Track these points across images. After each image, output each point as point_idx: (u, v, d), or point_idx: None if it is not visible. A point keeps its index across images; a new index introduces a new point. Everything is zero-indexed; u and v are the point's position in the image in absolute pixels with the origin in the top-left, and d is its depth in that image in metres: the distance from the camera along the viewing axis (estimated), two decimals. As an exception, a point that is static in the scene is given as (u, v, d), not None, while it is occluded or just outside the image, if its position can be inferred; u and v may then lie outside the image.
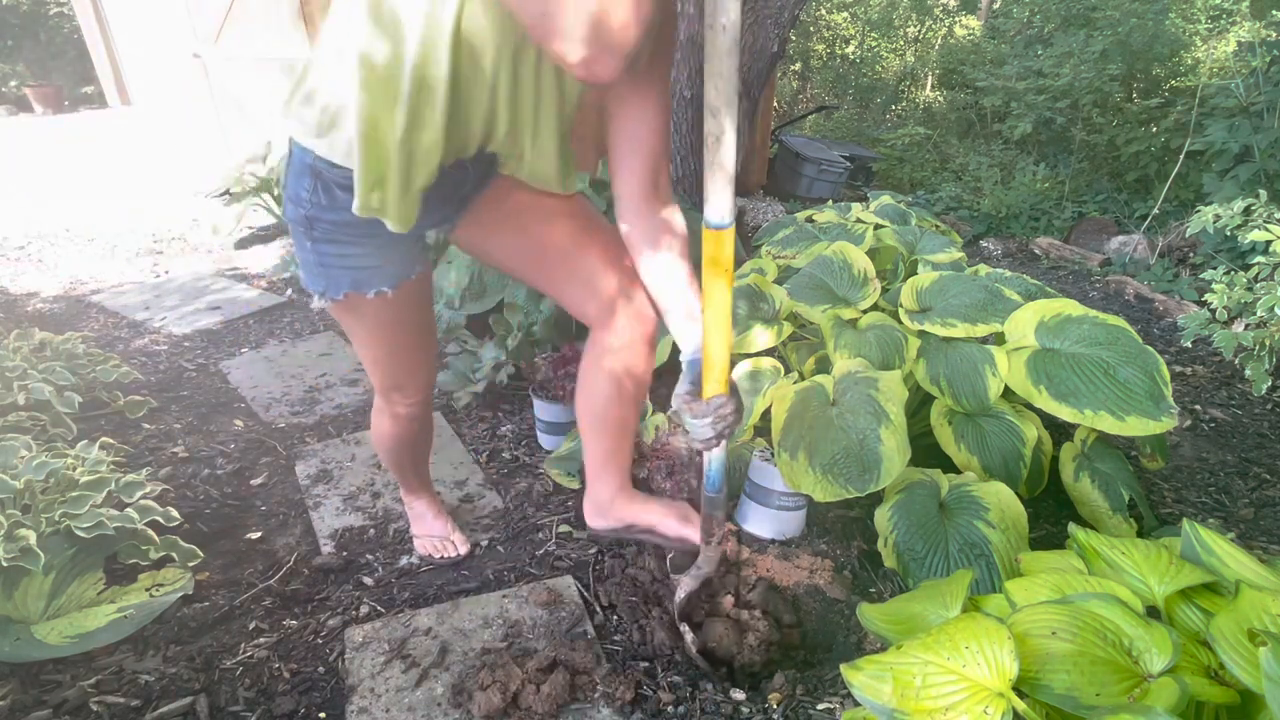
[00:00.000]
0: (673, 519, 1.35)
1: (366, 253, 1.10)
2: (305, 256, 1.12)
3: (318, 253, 1.10)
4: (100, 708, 1.24)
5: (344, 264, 1.10)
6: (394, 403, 1.37)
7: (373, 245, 1.10)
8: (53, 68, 9.31)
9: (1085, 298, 3.45)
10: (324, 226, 1.07)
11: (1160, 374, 1.44)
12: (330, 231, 1.07)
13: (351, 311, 1.18)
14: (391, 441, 1.46)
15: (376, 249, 1.10)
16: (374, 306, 1.16)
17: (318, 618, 1.46)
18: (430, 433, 1.54)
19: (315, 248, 1.09)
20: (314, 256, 1.11)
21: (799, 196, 5.33)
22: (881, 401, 1.47)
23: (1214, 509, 1.87)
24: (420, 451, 1.55)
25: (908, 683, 0.76)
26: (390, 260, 1.13)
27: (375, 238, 1.09)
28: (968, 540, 1.37)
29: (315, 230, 1.07)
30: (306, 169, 1.02)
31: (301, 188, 1.04)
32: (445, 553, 1.61)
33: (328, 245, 1.09)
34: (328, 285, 1.13)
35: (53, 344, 2.22)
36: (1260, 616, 0.75)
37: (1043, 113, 5.50)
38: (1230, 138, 3.73)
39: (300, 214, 1.06)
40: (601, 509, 1.40)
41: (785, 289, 1.90)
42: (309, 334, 2.91)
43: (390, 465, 1.56)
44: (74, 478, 1.51)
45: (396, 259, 1.14)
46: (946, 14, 8.87)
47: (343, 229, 1.07)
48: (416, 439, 1.49)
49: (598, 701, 1.25)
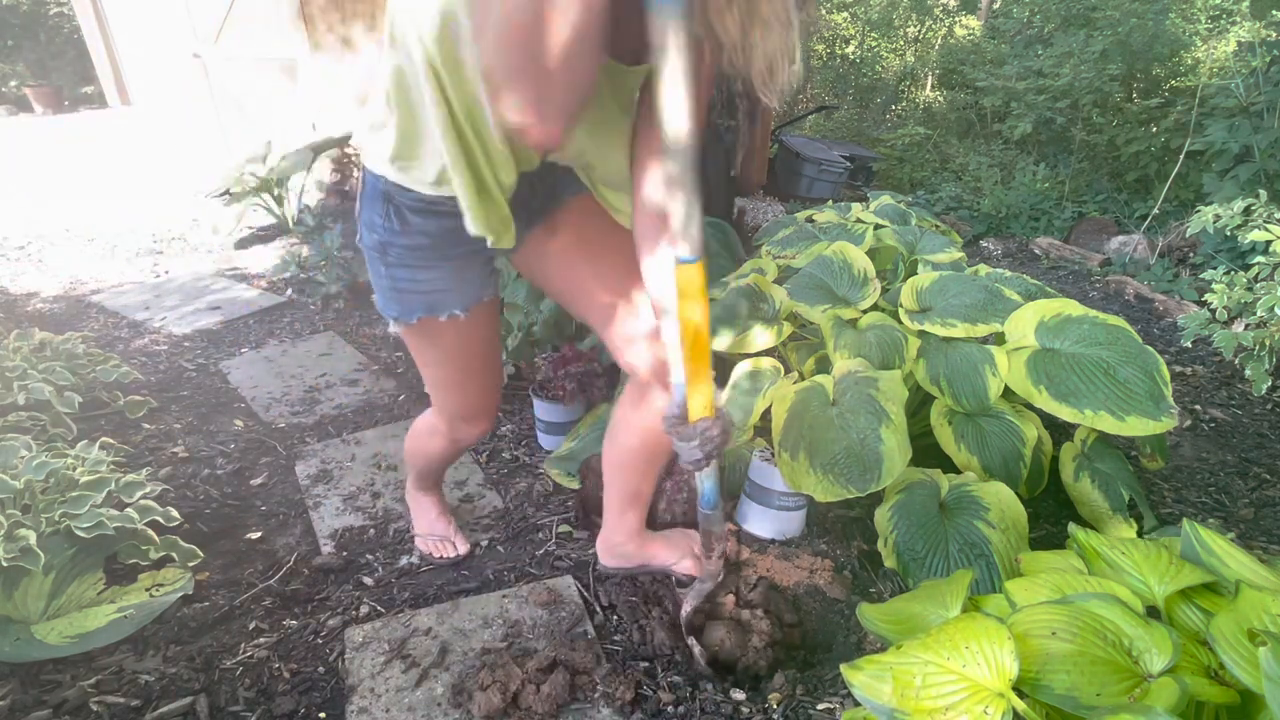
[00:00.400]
0: (688, 560, 1.43)
1: (439, 276, 1.11)
2: (380, 283, 1.13)
3: (392, 278, 1.11)
4: (100, 708, 1.24)
5: (417, 289, 1.11)
6: (459, 430, 1.36)
7: (446, 269, 1.10)
8: (53, 68, 9.31)
9: (1085, 298, 3.45)
10: (397, 252, 1.07)
11: (1160, 374, 1.44)
12: (404, 256, 1.08)
13: (425, 336, 1.18)
14: (436, 458, 1.47)
15: (450, 273, 1.11)
16: (447, 330, 1.16)
17: (318, 618, 1.46)
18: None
19: (390, 273, 1.10)
20: (388, 282, 1.11)
21: (799, 196, 5.33)
22: (882, 401, 1.47)
23: (1214, 509, 1.87)
24: (453, 463, 1.58)
25: (908, 683, 0.76)
26: (463, 283, 1.13)
27: (448, 261, 1.10)
28: (968, 540, 1.37)
29: (389, 255, 1.08)
30: (380, 195, 1.03)
31: (375, 214, 1.05)
32: (445, 552, 1.61)
33: (401, 270, 1.09)
34: (402, 310, 1.13)
35: (53, 344, 2.22)
36: (1260, 616, 0.75)
37: (1043, 113, 5.50)
38: (1230, 138, 3.72)
39: (375, 240, 1.07)
40: (614, 549, 1.47)
41: (785, 289, 1.90)
42: (309, 334, 2.91)
43: (415, 466, 1.56)
44: (74, 478, 1.51)
45: (469, 282, 1.14)
46: (946, 14, 8.87)
47: (416, 253, 1.07)
48: (458, 455, 1.50)
49: (598, 701, 1.25)
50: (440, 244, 1.06)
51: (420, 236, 1.05)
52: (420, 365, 1.27)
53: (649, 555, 1.45)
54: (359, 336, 2.89)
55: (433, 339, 1.18)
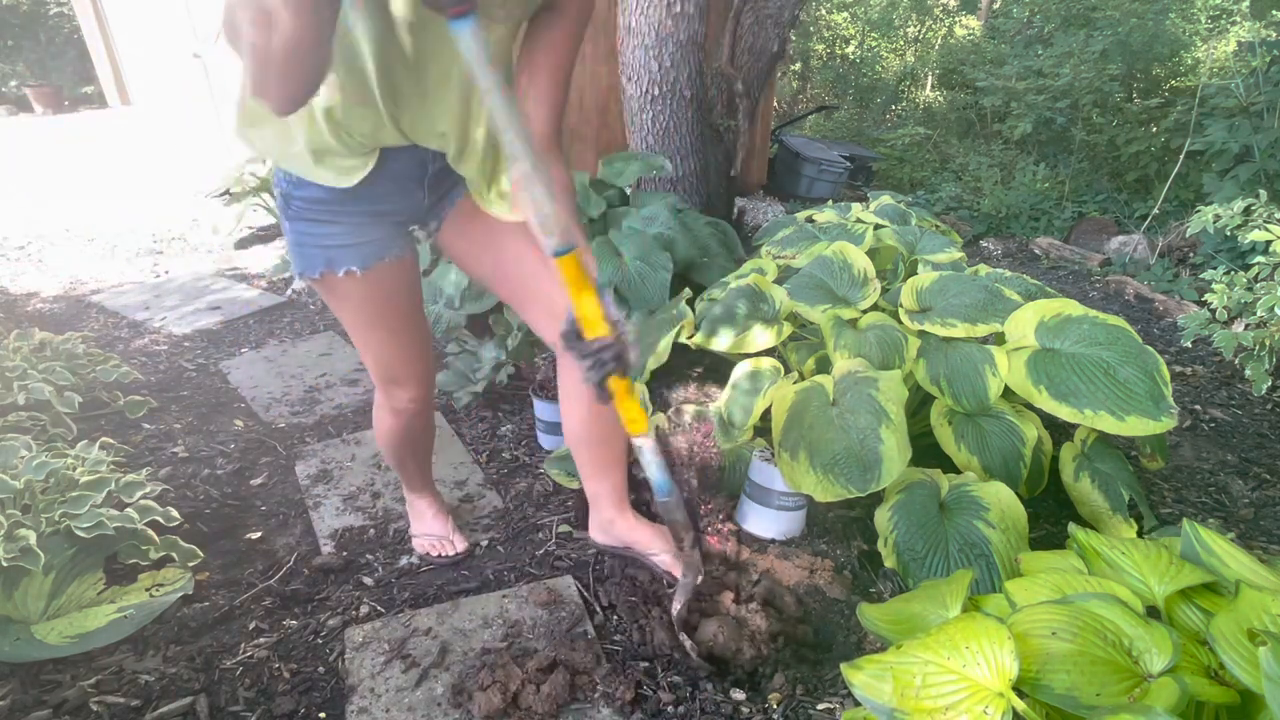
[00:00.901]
0: (667, 554, 1.43)
1: (340, 231, 1.15)
2: (288, 238, 1.18)
3: (295, 231, 1.16)
4: (100, 708, 1.24)
5: (317, 242, 1.15)
6: (393, 397, 1.39)
7: (346, 224, 1.14)
8: (53, 68, 9.31)
9: (1085, 298, 3.45)
10: (297, 204, 1.13)
11: (1160, 374, 1.44)
12: (303, 209, 1.13)
13: (331, 293, 1.22)
14: (393, 438, 1.47)
15: (350, 228, 1.15)
16: (351, 288, 1.20)
17: (318, 618, 1.46)
18: (432, 431, 1.55)
19: (292, 226, 1.16)
20: (292, 236, 1.17)
21: (799, 196, 5.33)
22: (882, 401, 1.47)
23: (1214, 509, 1.87)
24: (422, 450, 1.57)
25: (908, 682, 0.76)
26: (363, 241, 1.17)
27: (349, 216, 1.14)
28: (968, 540, 1.37)
29: (290, 208, 1.14)
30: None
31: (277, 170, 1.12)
32: (443, 551, 1.61)
33: (302, 224, 1.14)
34: (305, 264, 1.18)
35: (53, 344, 2.22)
36: (1260, 616, 0.75)
37: (1043, 113, 5.49)
38: (1230, 138, 3.73)
39: (279, 193, 1.14)
40: (603, 526, 1.48)
41: (785, 289, 1.90)
42: (309, 334, 2.91)
43: (393, 462, 1.57)
44: (74, 478, 1.51)
45: (371, 241, 1.17)
46: (946, 14, 8.87)
47: (313, 207, 1.12)
48: (418, 437, 1.50)
49: (598, 701, 1.25)
50: (336, 198, 1.11)
51: (314, 188, 1.09)
52: (344, 327, 1.31)
53: (635, 538, 1.45)
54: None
55: (340, 297, 1.22)
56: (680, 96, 3.02)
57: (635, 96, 3.07)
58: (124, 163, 5.95)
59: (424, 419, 1.46)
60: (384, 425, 1.46)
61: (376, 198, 1.14)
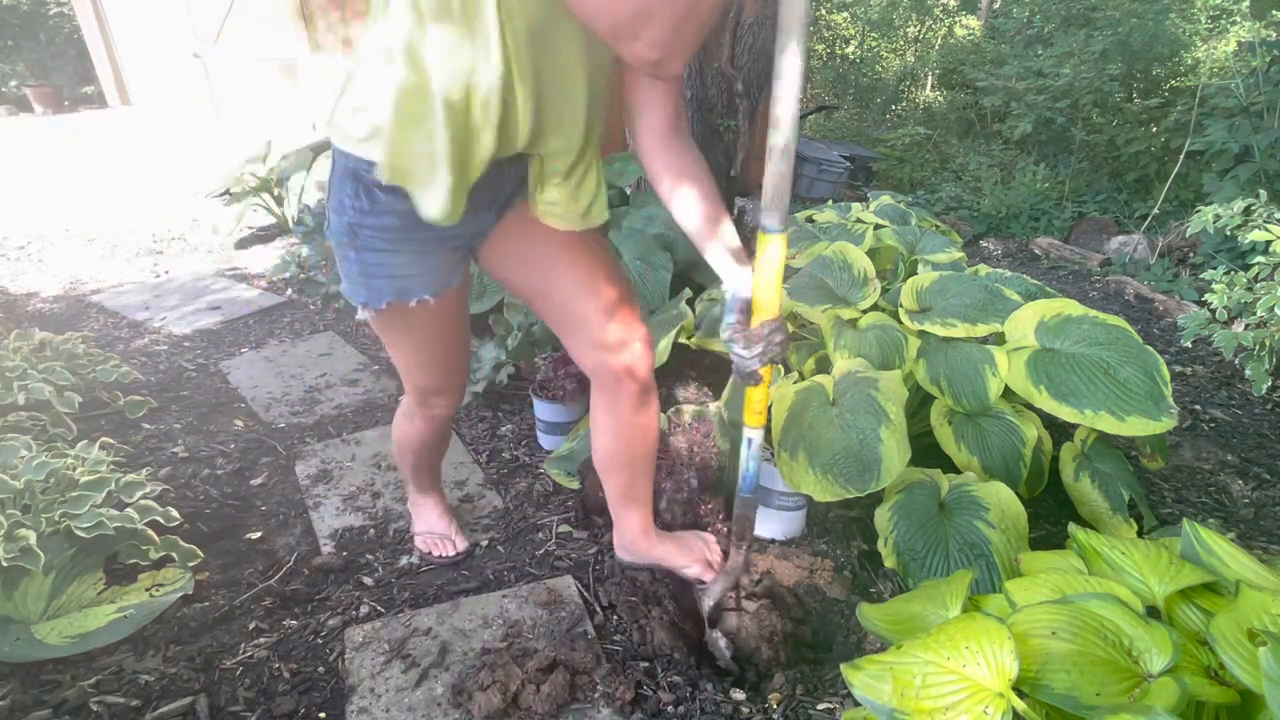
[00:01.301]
0: (696, 565, 1.45)
1: (408, 260, 1.11)
2: (349, 268, 1.13)
3: (361, 262, 1.10)
4: (100, 708, 1.24)
5: (386, 273, 1.11)
6: (431, 406, 1.38)
7: (415, 253, 1.11)
8: (53, 68, 9.31)
9: (1085, 298, 3.45)
10: (366, 234, 1.07)
11: (1160, 374, 1.44)
12: (372, 239, 1.08)
13: (395, 321, 1.19)
14: (419, 444, 1.48)
15: (418, 256, 1.11)
16: (417, 315, 1.17)
17: (318, 618, 1.46)
18: (450, 433, 1.56)
19: (359, 257, 1.10)
20: (358, 267, 1.11)
21: (799, 196, 5.33)
22: (881, 401, 1.47)
23: (1214, 509, 1.87)
24: (440, 453, 1.58)
25: (908, 682, 0.76)
26: (432, 268, 1.13)
27: (417, 244, 1.10)
28: (968, 540, 1.37)
29: (359, 239, 1.08)
30: (349, 174, 1.04)
31: (345, 194, 1.05)
32: (444, 551, 1.61)
33: (371, 254, 1.09)
34: (370, 295, 1.13)
35: (53, 344, 2.22)
36: (1260, 616, 0.75)
37: (1043, 113, 5.49)
38: (1230, 138, 3.72)
39: (344, 222, 1.07)
40: (627, 546, 1.49)
41: (785, 289, 1.90)
42: (309, 334, 2.91)
43: (408, 467, 1.57)
44: (74, 478, 1.51)
45: (438, 268, 1.14)
46: (946, 14, 8.87)
47: (384, 235, 1.07)
48: (441, 440, 1.51)
49: (598, 701, 1.25)
50: (408, 226, 1.05)
51: (389, 216, 1.05)
52: (389, 348, 1.28)
53: (661, 555, 1.47)
54: (359, 336, 2.89)
55: (403, 324, 1.19)
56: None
57: (635, 96, 3.06)
58: (124, 163, 5.95)
59: (450, 423, 1.47)
60: (413, 430, 1.45)
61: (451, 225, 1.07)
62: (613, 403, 1.28)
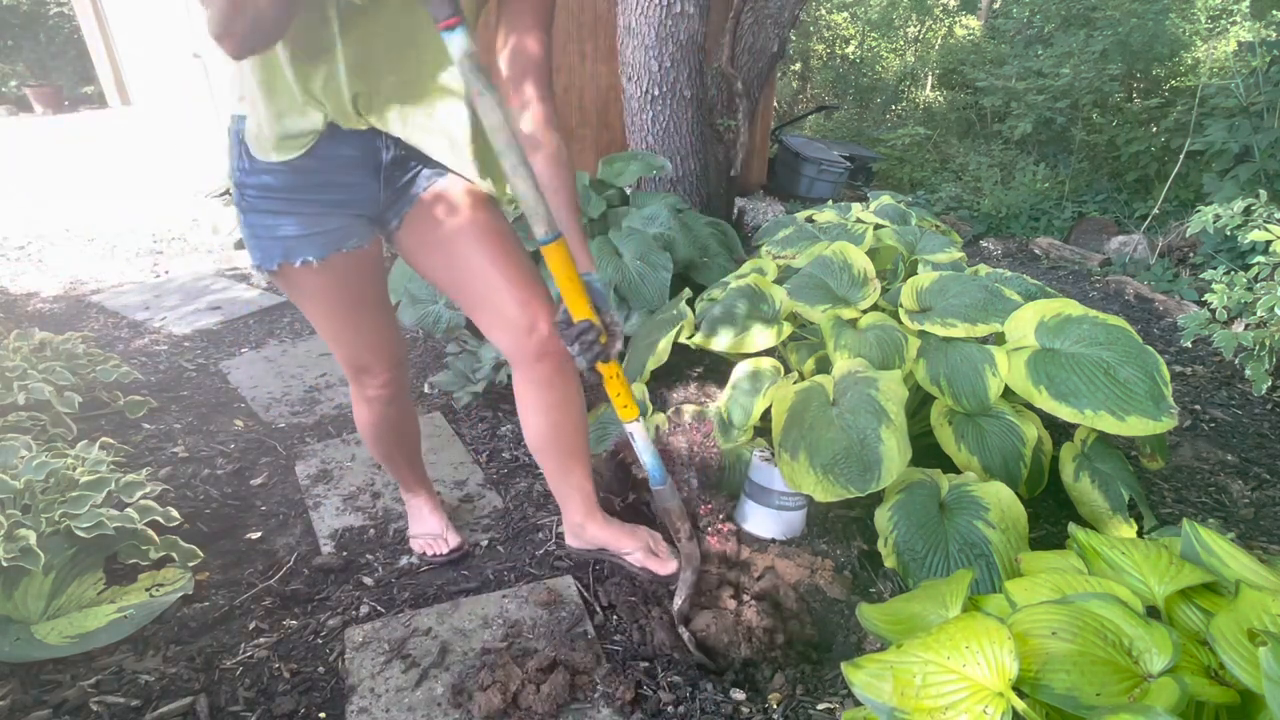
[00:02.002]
0: (640, 551, 1.44)
1: (292, 222, 1.14)
2: (244, 231, 1.17)
3: (249, 224, 1.15)
4: (100, 708, 1.24)
5: (272, 234, 1.15)
6: (363, 384, 1.40)
7: (301, 215, 1.14)
8: (53, 68, 9.31)
9: (1085, 298, 3.45)
10: (251, 194, 1.12)
11: (1160, 374, 1.44)
12: (255, 200, 1.12)
13: (291, 285, 1.22)
14: (373, 430, 1.48)
15: (305, 219, 1.14)
16: (311, 279, 1.19)
17: (318, 618, 1.46)
18: (413, 422, 1.55)
19: (247, 219, 1.15)
20: (247, 229, 1.16)
21: (799, 196, 5.33)
22: (882, 401, 1.47)
23: (1214, 509, 1.87)
24: (409, 445, 1.57)
25: (908, 681, 0.76)
26: (319, 229, 1.16)
27: (302, 205, 1.13)
28: (968, 540, 1.37)
29: (244, 199, 1.13)
30: (235, 137, 1.10)
31: (232, 156, 1.11)
32: (437, 549, 1.61)
33: (255, 215, 1.14)
34: (262, 256, 1.17)
35: (53, 344, 2.22)
36: (1260, 616, 0.75)
37: (1043, 113, 5.50)
38: (1230, 138, 3.73)
39: (232, 184, 1.14)
40: (574, 530, 1.49)
41: (785, 289, 1.90)
42: (309, 334, 2.91)
43: (382, 460, 1.57)
44: (74, 478, 1.51)
45: (327, 229, 1.17)
46: (946, 14, 8.87)
47: (266, 196, 1.12)
48: (397, 427, 1.50)
49: (598, 701, 1.25)
50: (286, 186, 1.11)
51: (266, 176, 1.09)
52: (307, 317, 1.31)
53: (606, 539, 1.46)
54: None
55: (300, 289, 1.22)
56: (680, 96, 3.02)
57: (635, 96, 3.07)
58: (124, 163, 5.94)
59: (398, 406, 1.47)
60: (361, 418, 1.47)
61: (330, 187, 1.13)
62: (532, 382, 1.30)
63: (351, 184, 1.16)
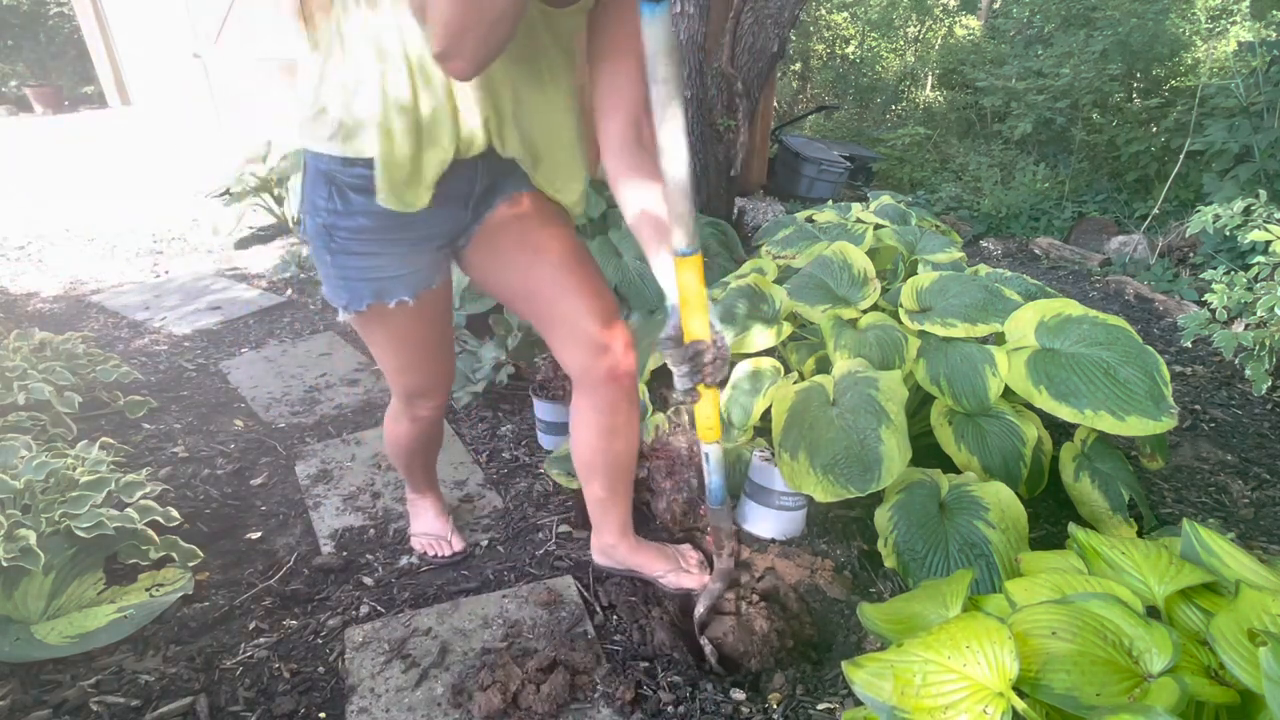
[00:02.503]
0: (672, 573, 1.45)
1: (386, 262, 1.11)
2: (327, 271, 1.13)
3: (338, 265, 1.11)
4: (100, 708, 1.24)
5: (365, 275, 1.11)
6: (416, 407, 1.39)
7: (392, 254, 1.11)
8: (53, 68, 9.31)
9: (1085, 298, 3.45)
10: (342, 235, 1.08)
11: (1160, 374, 1.44)
12: (348, 241, 1.08)
13: (375, 323, 1.19)
14: (409, 444, 1.48)
15: (397, 258, 1.11)
16: (397, 317, 1.17)
17: (318, 618, 1.46)
18: (442, 432, 1.57)
19: (335, 260, 1.10)
20: (335, 270, 1.12)
21: (799, 196, 5.33)
22: (882, 401, 1.47)
23: (1214, 509, 1.87)
24: (434, 452, 1.58)
25: (908, 681, 0.76)
26: (411, 269, 1.14)
27: (394, 245, 1.10)
28: (968, 540, 1.37)
29: (334, 241, 1.08)
30: (321, 176, 1.04)
31: (318, 196, 1.06)
32: (440, 551, 1.61)
33: (346, 256, 1.10)
34: (350, 298, 1.14)
35: (53, 344, 2.22)
36: (1260, 616, 0.75)
37: (1043, 113, 5.49)
38: (1230, 138, 3.73)
39: (318, 224, 1.08)
40: (605, 551, 1.49)
41: (785, 289, 1.90)
42: (309, 334, 2.91)
43: (402, 467, 1.57)
44: (74, 478, 1.51)
45: (417, 268, 1.15)
46: (946, 14, 8.87)
47: (359, 237, 1.08)
48: (432, 440, 1.52)
49: (598, 701, 1.25)
50: (383, 226, 1.07)
51: (362, 217, 1.05)
52: (372, 349, 1.28)
53: (639, 562, 1.46)
54: (359, 337, 2.89)
55: (383, 325, 1.20)
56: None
57: (635, 96, 3.06)
58: (124, 163, 5.95)
59: (440, 423, 1.48)
60: (401, 431, 1.45)
61: (425, 223, 1.10)
62: (595, 404, 1.28)
63: (445, 217, 1.12)
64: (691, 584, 1.44)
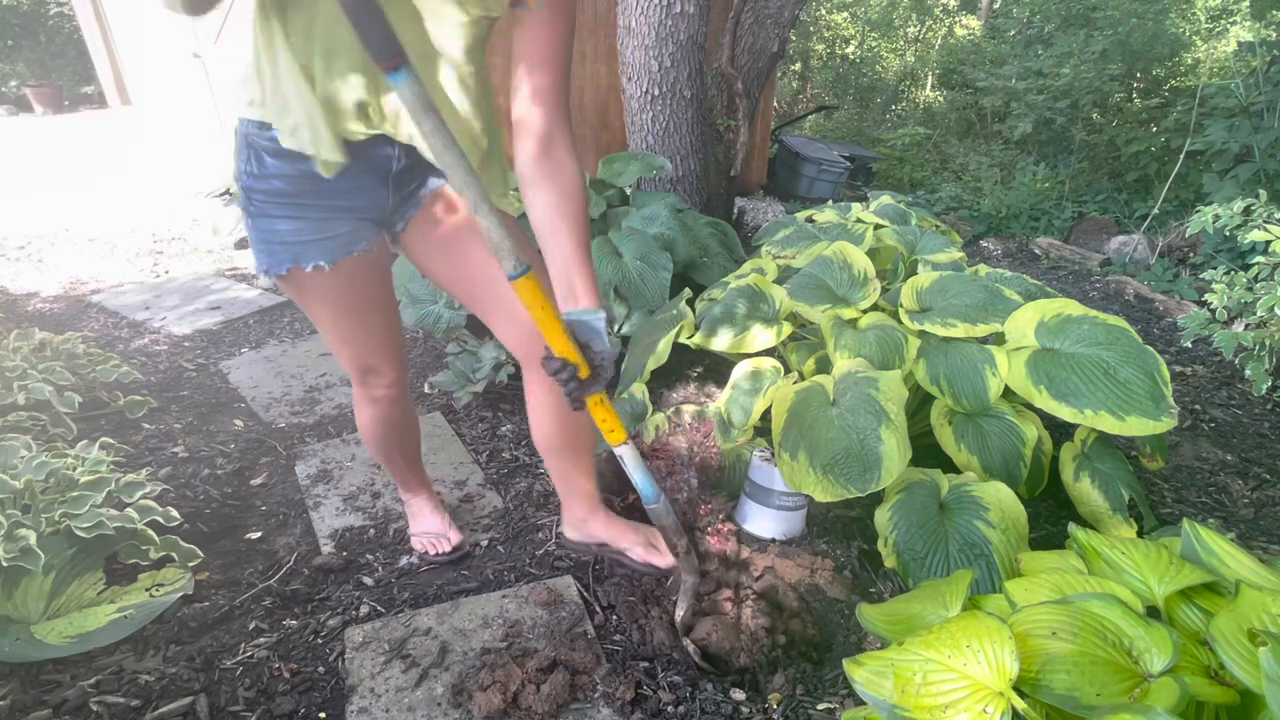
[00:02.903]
0: (639, 547, 1.44)
1: (302, 227, 1.14)
2: (251, 235, 1.17)
3: (258, 229, 1.15)
4: (100, 708, 1.24)
5: (282, 238, 1.14)
6: (369, 385, 1.40)
7: (308, 219, 1.14)
8: (53, 68, 9.31)
9: (1085, 298, 3.45)
10: (259, 199, 1.11)
11: (1160, 374, 1.44)
12: (265, 205, 1.12)
13: (299, 289, 1.21)
14: (375, 429, 1.48)
15: (313, 223, 1.14)
16: (319, 283, 1.19)
17: (318, 618, 1.46)
18: (414, 422, 1.56)
19: (255, 223, 1.14)
20: (256, 233, 1.16)
21: (799, 196, 5.33)
22: (882, 401, 1.47)
23: (1214, 509, 1.87)
24: (409, 444, 1.57)
25: (909, 679, 0.76)
26: (326, 235, 1.16)
27: (309, 210, 1.13)
28: (968, 540, 1.37)
29: (253, 204, 1.12)
30: (243, 140, 1.09)
31: (240, 160, 1.11)
32: (439, 548, 1.61)
33: (264, 220, 1.13)
34: (270, 261, 1.17)
35: (53, 344, 2.22)
36: (1260, 616, 0.75)
37: (1043, 113, 5.50)
38: (1230, 138, 3.73)
39: (241, 188, 1.13)
40: (576, 525, 1.49)
41: (785, 289, 1.90)
42: (309, 334, 2.91)
43: (382, 460, 1.57)
44: (74, 478, 1.51)
45: (334, 234, 1.17)
46: (946, 14, 8.88)
47: (275, 201, 1.11)
48: (399, 426, 1.51)
49: (598, 701, 1.25)
50: (298, 191, 1.10)
51: (276, 180, 1.09)
52: (315, 324, 1.30)
53: (610, 535, 1.46)
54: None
55: (308, 293, 1.22)
56: (680, 96, 3.02)
57: (635, 96, 3.07)
58: (124, 163, 5.94)
59: (401, 406, 1.47)
60: (364, 418, 1.47)
61: (340, 193, 1.13)
62: (544, 382, 1.29)
63: (362, 190, 1.15)
64: (659, 562, 1.43)
